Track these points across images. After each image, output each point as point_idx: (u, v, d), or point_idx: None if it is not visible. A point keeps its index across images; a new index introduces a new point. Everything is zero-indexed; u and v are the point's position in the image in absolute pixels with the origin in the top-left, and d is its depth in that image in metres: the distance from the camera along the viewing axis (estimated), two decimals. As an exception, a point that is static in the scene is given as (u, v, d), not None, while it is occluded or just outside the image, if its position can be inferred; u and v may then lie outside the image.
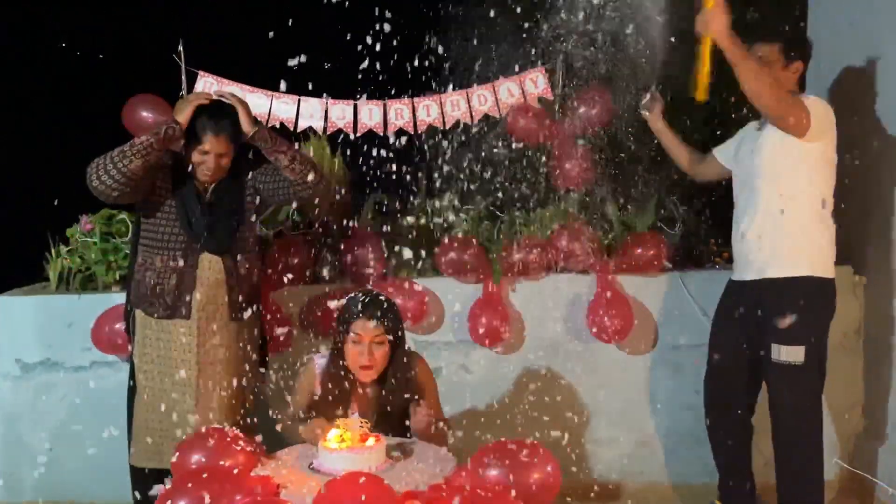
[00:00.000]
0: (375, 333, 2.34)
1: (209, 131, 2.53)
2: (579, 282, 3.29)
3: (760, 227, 2.67)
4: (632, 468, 3.34)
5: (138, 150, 2.44)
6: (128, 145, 2.45)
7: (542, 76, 3.40)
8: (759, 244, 2.67)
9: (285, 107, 3.39)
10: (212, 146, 2.54)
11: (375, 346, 2.35)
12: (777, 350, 2.61)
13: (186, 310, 2.57)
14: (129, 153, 2.43)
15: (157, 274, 2.58)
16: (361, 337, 2.34)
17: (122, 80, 3.67)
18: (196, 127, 2.54)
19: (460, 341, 3.30)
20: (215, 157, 2.56)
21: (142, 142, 2.45)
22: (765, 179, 2.65)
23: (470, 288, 3.28)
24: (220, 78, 3.36)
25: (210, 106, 2.57)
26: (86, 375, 3.22)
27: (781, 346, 2.60)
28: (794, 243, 2.62)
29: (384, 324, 2.34)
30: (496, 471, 1.94)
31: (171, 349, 2.58)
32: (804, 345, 2.58)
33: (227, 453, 2.06)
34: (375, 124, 3.40)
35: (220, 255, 2.61)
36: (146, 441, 2.59)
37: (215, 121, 2.54)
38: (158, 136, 2.46)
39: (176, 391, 2.57)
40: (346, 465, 2.00)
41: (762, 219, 2.66)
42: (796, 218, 2.61)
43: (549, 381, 3.33)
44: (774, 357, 2.61)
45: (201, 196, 2.62)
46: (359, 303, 2.36)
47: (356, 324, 2.35)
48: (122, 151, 2.44)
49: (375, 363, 2.36)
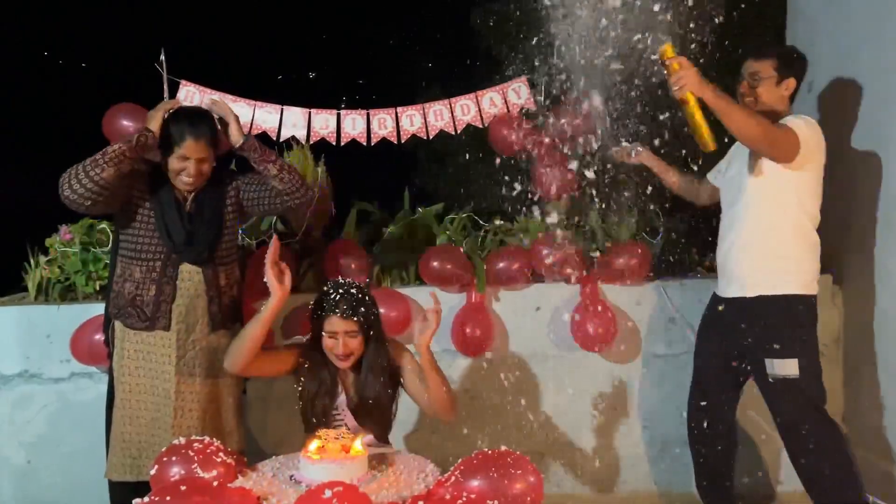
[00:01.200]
0: (348, 328, 2.36)
1: (188, 136, 2.50)
2: (563, 291, 3.30)
3: (747, 245, 2.67)
4: (616, 477, 3.34)
5: (110, 159, 2.41)
6: (100, 154, 2.42)
7: (524, 86, 3.41)
8: (745, 261, 2.68)
9: (268, 116, 3.38)
10: (192, 151, 2.51)
11: (350, 338, 2.37)
12: (771, 365, 2.60)
13: (166, 321, 2.55)
14: (101, 162, 2.40)
15: (137, 285, 2.54)
16: (335, 332, 2.37)
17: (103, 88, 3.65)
18: (173, 133, 2.51)
19: (444, 350, 3.29)
20: (196, 163, 2.53)
21: (114, 150, 2.42)
22: (752, 199, 2.66)
23: (454, 297, 3.28)
24: (202, 87, 3.34)
25: (187, 111, 2.56)
26: (65, 387, 3.19)
27: (775, 361, 2.59)
28: (780, 262, 2.62)
29: (356, 319, 2.36)
30: (479, 482, 1.94)
31: (150, 361, 2.55)
32: (797, 357, 2.58)
33: (207, 465, 2.04)
34: (358, 133, 3.39)
35: (200, 266, 2.58)
36: (123, 454, 2.56)
37: (194, 125, 2.51)
38: (131, 144, 2.44)
39: (154, 403, 2.55)
40: (328, 477, 1.98)
41: (749, 236, 2.67)
42: (783, 237, 2.62)
43: (532, 390, 3.32)
44: (769, 371, 2.60)
45: (181, 205, 2.59)
46: (331, 299, 2.37)
47: (329, 320, 2.37)
48: (95, 160, 2.41)
49: (350, 352, 2.38)
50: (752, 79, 2.68)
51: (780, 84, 2.66)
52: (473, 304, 3.25)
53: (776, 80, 2.65)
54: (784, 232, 2.62)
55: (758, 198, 2.64)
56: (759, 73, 2.65)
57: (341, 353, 2.37)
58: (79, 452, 3.09)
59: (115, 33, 4.95)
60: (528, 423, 3.33)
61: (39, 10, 5.09)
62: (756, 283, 2.65)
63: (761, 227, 2.64)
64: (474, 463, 1.99)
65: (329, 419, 2.42)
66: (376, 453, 2.22)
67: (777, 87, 2.66)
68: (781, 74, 2.66)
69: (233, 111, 2.64)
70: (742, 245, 2.68)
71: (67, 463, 3.15)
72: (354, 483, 1.98)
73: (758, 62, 2.67)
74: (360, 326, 2.37)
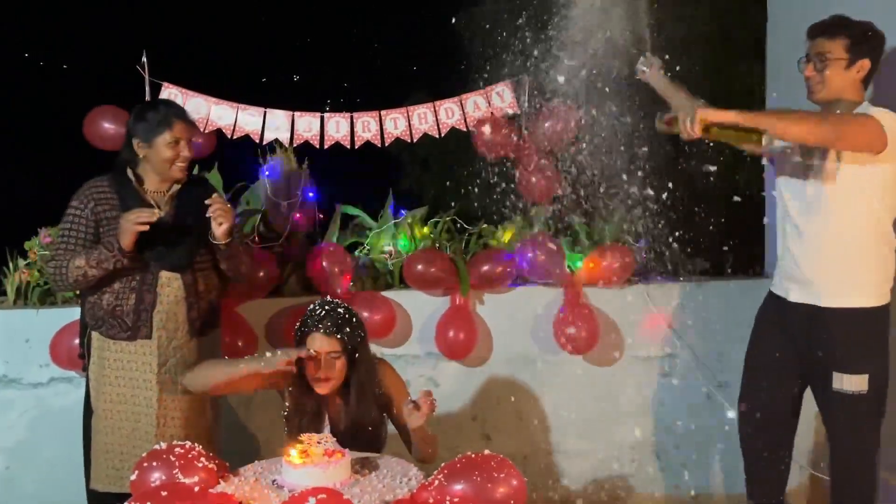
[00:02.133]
0: (331, 349, 2.27)
1: (174, 118, 2.48)
2: (546, 294, 3.31)
3: (817, 250, 2.42)
4: (599, 480, 3.36)
5: (87, 277, 2.42)
6: (74, 273, 2.41)
7: (508, 90, 3.42)
8: (815, 268, 2.43)
9: (251, 119, 3.36)
10: (181, 131, 2.48)
11: (331, 360, 2.28)
12: (839, 379, 2.39)
13: (147, 329, 2.50)
14: (80, 279, 2.43)
15: (116, 295, 2.49)
16: (317, 352, 2.28)
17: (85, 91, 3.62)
18: (156, 121, 2.46)
19: (428, 354, 3.29)
20: (187, 144, 2.51)
21: (92, 274, 2.41)
22: (827, 201, 2.37)
23: (438, 300, 3.28)
24: (184, 89, 3.32)
25: (154, 100, 2.53)
26: (44, 392, 3.15)
27: (843, 375, 2.38)
28: (856, 272, 2.38)
29: (340, 338, 2.27)
30: (462, 485, 1.93)
31: (131, 370, 2.51)
32: (867, 373, 2.39)
33: (188, 471, 2.02)
34: (342, 136, 3.38)
35: (179, 272, 2.53)
36: (107, 465, 2.52)
37: (172, 107, 2.51)
38: (107, 269, 2.42)
39: (135, 414, 2.51)
40: (310, 481, 1.97)
41: (821, 242, 2.41)
42: (860, 244, 2.37)
43: (516, 393, 3.33)
44: (836, 386, 2.40)
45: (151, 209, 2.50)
46: (315, 315, 2.30)
47: (311, 338, 2.28)
48: (71, 277, 2.42)
49: (332, 376, 2.29)
50: (818, 60, 2.37)
51: (851, 67, 2.34)
52: (457, 307, 3.25)
53: (847, 62, 2.34)
54: (863, 238, 2.37)
55: (834, 200, 2.35)
56: (827, 54, 2.34)
57: (320, 376, 2.26)
58: (58, 458, 3.05)
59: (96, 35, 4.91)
60: (512, 425, 3.34)
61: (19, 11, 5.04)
62: (828, 293, 2.41)
63: (837, 233, 2.37)
64: (458, 466, 1.99)
65: None
66: (359, 457, 2.22)
67: (848, 70, 2.35)
68: (854, 55, 2.33)
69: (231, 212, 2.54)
70: (812, 250, 2.42)
71: (47, 469, 3.11)
72: (337, 487, 1.97)
73: (829, 41, 2.35)
74: (344, 347, 2.28)
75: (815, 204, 2.40)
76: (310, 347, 2.28)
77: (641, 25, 2.78)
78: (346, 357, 2.30)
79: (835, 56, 2.34)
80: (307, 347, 2.28)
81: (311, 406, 2.36)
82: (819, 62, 2.36)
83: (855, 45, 2.33)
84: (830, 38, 2.35)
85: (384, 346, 3.25)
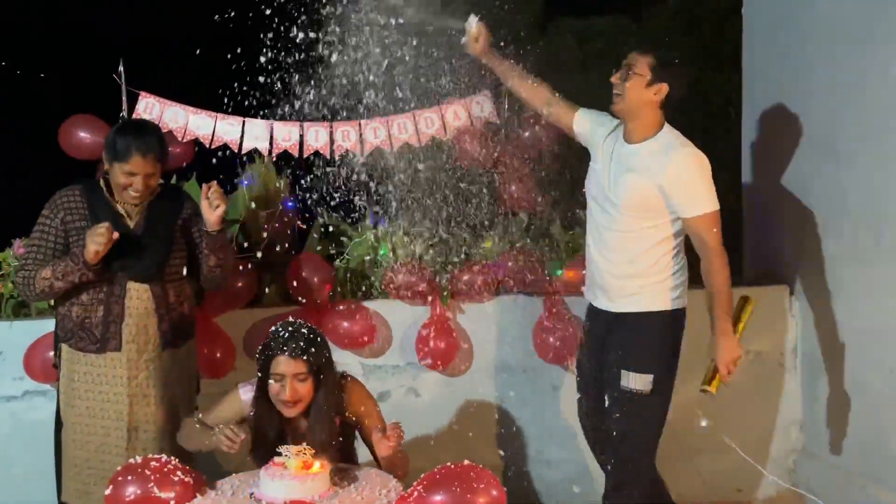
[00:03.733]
0: (296, 371, 2.22)
1: (135, 151, 2.40)
2: (526, 303, 3.31)
3: (612, 256, 2.56)
4: (579, 489, 3.35)
5: (54, 289, 2.41)
6: (41, 284, 2.40)
7: (487, 100, 3.43)
8: (611, 274, 2.58)
9: (230, 128, 3.34)
10: (138, 167, 2.41)
11: (298, 382, 2.23)
12: (626, 377, 2.52)
13: (116, 342, 2.47)
14: (46, 291, 2.42)
15: (84, 307, 2.46)
16: (283, 374, 2.23)
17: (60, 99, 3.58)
18: (119, 147, 2.41)
19: (409, 364, 3.28)
20: (143, 179, 2.44)
21: (58, 286, 2.41)
22: (624, 211, 2.50)
23: (418, 310, 3.27)
24: (161, 99, 3.29)
25: (135, 124, 2.50)
26: (17, 406, 3.10)
27: (630, 373, 2.51)
28: (644, 282, 2.52)
29: (306, 360, 2.22)
30: (442, 496, 1.93)
31: (101, 383, 2.47)
32: (652, 373, 2.51)
33: (164, 485, 2.00)
34: (322, 146, 3.37)
35: (148, 283, 2.49)
36: (77, 479, 2.48)
37: (142, 139, 2.42)
38: (72, 282, 2.40)
39: (104, 427, 2.47)
40: (289, 494, 1.96)
41: (614, 249, 2.55)
42: (649, 255, 2.51)
43: (497, 403, 3.33)
44: (623, 384, 2.52)
45: (121, 220, 2.49)
46: (279, 338, 2.24)
47: (277, 361, 2.23)
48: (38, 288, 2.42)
49: (298, 398, 2.24)
50: (626, 70, 2.49)
51: (650, 86, 2.46)
52: (437, 317, 3.25)
53: (648, 80, 2.45)
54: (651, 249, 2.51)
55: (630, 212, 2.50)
56: (633, 67, 2.47)
57: (288, 399, 2.22)
58: (31, 474, 2.99)
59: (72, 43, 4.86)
60: (492, 436, 3.33)
61: (-5, 19, 4.99)
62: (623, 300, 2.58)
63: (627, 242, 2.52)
64: (437, 478, 1.98)
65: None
66: (338, 469, 2.20)
67: (647, 88, 2.46)
68: (655, 76, 2.45)
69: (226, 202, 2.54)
70: (608, 256, 2.58)
71: (19, 485, 3.05)
72: (316, 500, 1.96)
73: (640, 55, 2.48)
74: (310, 368, 2.23)
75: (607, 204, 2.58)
76: (274, 371, 2.24)
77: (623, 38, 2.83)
78: (313, 378, 2.26)
79: (638, 71, 2.46)
80: (271, 372, 2.25)
81: (273, 429, 2.31)
82: (625, 72, 2.49)
83: (658, 68, 2.45)
84: (642, 53, 2.48)
85: (364, 356, 3.24)
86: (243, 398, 2.38)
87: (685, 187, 2.43)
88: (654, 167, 2.44)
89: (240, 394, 2.40)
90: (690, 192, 2.43)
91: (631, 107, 2.50)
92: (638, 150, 2.50)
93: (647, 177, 2.45)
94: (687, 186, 2.43)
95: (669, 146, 2.47)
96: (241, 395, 2.39)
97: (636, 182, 2.47)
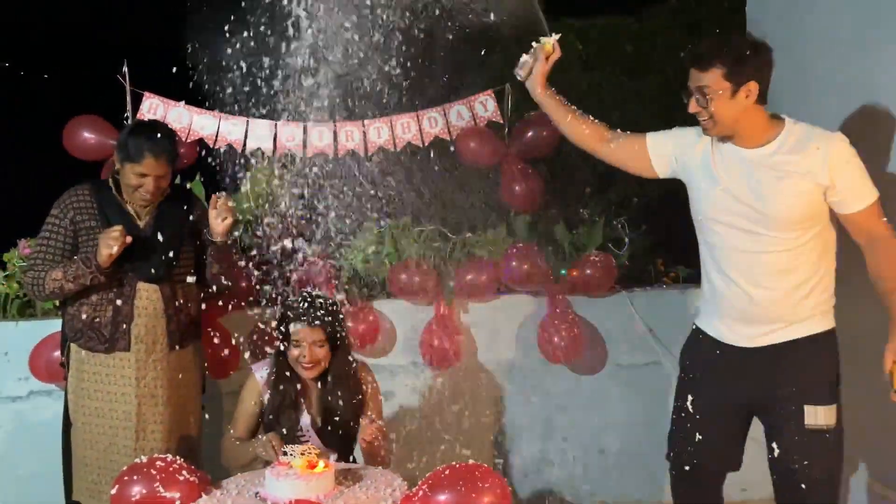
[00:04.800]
0: (315, 338, 2.37)
1: (148, 152, 2.40)
2: (530, 303, 3.31)
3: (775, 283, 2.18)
4: (583, 488, 3.36)
5: (64, 290, 2.42)
6: (51, 285, 2.41)
7: (491, 99, 3.43)
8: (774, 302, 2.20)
9: (234, 128, 3.35)
10: (151, 168, 2.41)
11: (316, 348, 2.38)
12: (810, 413, 2.16)
13: (125, 342, 2.47)
14: (56, 292, 2.43)
15: (93, 307, 2.46)
16: (301, 341, 2.37)
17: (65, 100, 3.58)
18: (131, 148, 2.41)
19: (412, 363, 3.28)
20: (155, 180, 2.44)
21: (69, 288, 2.41)
22: (785, 225, 2.14)
23: (422, 310, 3.27)
24: (166, 99, 3.30)
25: (147, 125, 2.49)
26: (23, 406, 3.10)
27: (815, 408, 2.16)
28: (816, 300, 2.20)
29: (324, 328, 2.37)
30: (447, 496, 1.93)
31: (109, 383, 2.48)
32: (836, 402, 2.18)
33: (169, 485, 1.99)
34: (326, 146, 3.37)
35: (157, 284, 2.50)
36: (87, 479, 2.49)
37: (154, 141, 2.41)
38: (83, 284, 2.40)
39: (112, 428, 2.47)
40: (294, 493, 1.96)
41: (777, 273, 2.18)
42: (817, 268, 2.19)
43: (500, 402, 3.33)
44: (808, 422, 2.16)
45: (132, 220, 2.49)
46: (298, 307, 2.38)
47: (296, 328, 2.37)
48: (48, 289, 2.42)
49: (317, 360, 2.39)
50: (699, 94, 2.11)
51: (736, 95, 2.09)
52: (441, 316, 3.25)
53: (731, 91, 2.08)
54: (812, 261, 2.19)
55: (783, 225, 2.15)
56: (705, 88, 2.09)
57: (307, 362, 2.36)
58: (37, 474, 3.00)
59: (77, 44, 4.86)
60: (497, 435, 3.33)
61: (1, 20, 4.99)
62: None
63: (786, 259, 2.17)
64: (442, 477, 1.98)
65: (294, 438, 2.38)
66: (343, 468, 2.20)
67: (733, 99, 2.09)
68: (736, 82, 2.08)
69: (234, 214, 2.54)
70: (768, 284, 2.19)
71: (24, 486, 3.06)
72: (321, 499, 1.96)
73: (703, 73, 2.09)
74: (327, 336, 2.38)
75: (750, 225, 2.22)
76: (293, 338, 2.37)
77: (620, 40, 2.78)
78: (329, 345, 2.39)
79: (714, 88, 2.08)
80: (291, 339, 2.38)
81: (290, 393, 2.42)
82: (701, 97, 2.11)
83: (733, 72, 2.07)
84: (703, 69, 2.09)
85: (368, 355, 3.24)
86: (258, 377, 2.49)
87: (851, 179, 2.11)
88: (809, 164, 2.10)
89: (255, 374, 2.51)
90: (857, 182, 2.12)
91: (727, 126, 2.14)
92: (770, 152, 2.15)
93: (806, 177, 2.10)
94: (853, 177, 2.11)
95: (810, 136, 2.13)
96: (256, 375, 2.50)
97: (793, 187, 2.11)
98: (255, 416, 2.48)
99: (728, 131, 2.17)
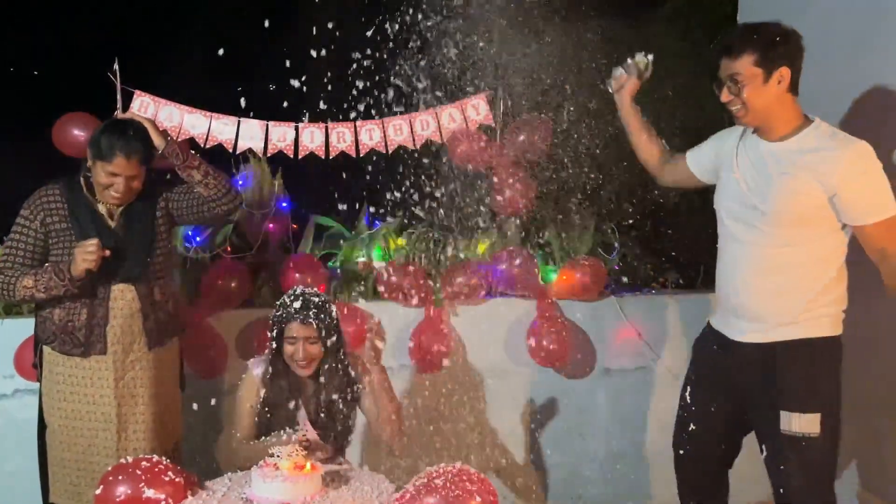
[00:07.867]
0: (308, 334, 2.37)
1: (119, 152, 2.32)
2: (519, 306, 3.32)
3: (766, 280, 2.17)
4: (572, 492, 3.36)
5: (35, 298, 2.37)
6: (22, 292, 2.34)
7: (483, 102, 3.44)
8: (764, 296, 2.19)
9: (225, 128, 3.34)
10: (121, 168, 2.34)
11: (310, 345, 2.38)
12: (787, 419, 2.12)
13: (101, 345, 2.41)
14: (27, 299, 2.37)
15: (67, 310, 2.40)
16: (296, 338, 2.38)
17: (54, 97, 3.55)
18: (103, 147, 2.34)
19: (401, 366, 3.28)
20: (126, 180, 2.37)
21: (40, 297, 2.36)
22: (777, 221, 2.13)
23: (412, 312, 3.27)
24: (156, 98, 3.28)
25: (120, 124, 2.41)
26: (8, 404, 3.08)
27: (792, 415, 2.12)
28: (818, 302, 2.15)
29: (317, 326, 2.37)
30: (434, 499, 1.92)
31: (86, 385, 2.42)
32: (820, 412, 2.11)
33: (155, 485, 1.98)
34: (317, 147, 3.37)
35: (132, 283, 2.44)
36: (65, 480, 2.45)
37: (126, 140, 2.34)
38: (56, 295, 2.35)
39: (91, 430, 2.43)
40: (281, 495, 1.95)
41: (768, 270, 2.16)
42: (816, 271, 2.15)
43: (489, 406, 3.33)
44: (784, 428, 2.13)
45: (102, 221, 2.43)
46: (291, 305, 2.39)
47: (290, 326, 2.37)
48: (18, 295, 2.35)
49: (311, 357, 2.39)
50: (731, 82, 2.12)
51: (769, 81, 2.08)
52: (431, 318, 3.25)
53: (762, 77, 2.08)
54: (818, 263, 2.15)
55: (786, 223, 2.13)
56: (737, 76, 2.09)
57: (301, 358, 2.37)
58: (23, 472, 2.97)
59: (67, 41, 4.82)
60: (485, 438, 3.33)
61: (-11, 15, 4.94)
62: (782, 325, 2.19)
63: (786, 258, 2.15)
64: (430, 480, 1.98)
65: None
66: (330, 471, 2.20)
67: (766, 85, 2.08)
68: (768, 68, 2.07)
69: (148, 118, 2.52)
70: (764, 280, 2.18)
71: (10, 483, 3.04)
72: (308, 501, 1.95)
73: (734, 61, 2.09)
74: (320, 333, 2.38)
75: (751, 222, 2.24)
76: (287, 335, 2.37)
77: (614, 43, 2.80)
78: (322, 341, 2.40)
79: (746, 75, 2.09)
80: (285, 336, 2.38)
81: (286, 389, 2.43)
82: (733, 85, 2.12)
83: (765, 57, 2.07)
84: (735, 57, 2.09)
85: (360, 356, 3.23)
86: (255, 372, 2.49)
87: (862, 190, 2.05)
88: (819, 166, 2.06)
89: (252, 370, 2.50)
90: (870, 194, 2.05)
91: (760, 113, 2.13)
92: (787, 147, 2.12)
93: (812, 178, 2.06)
94: (866, 188, 2.05)
95: (831, 138, 2.09)
96: (253, 370, 2.50)
97: (794, 185, 2.08)
98: (256, 413, 2.46)
99: (760, 121, 2.15)
